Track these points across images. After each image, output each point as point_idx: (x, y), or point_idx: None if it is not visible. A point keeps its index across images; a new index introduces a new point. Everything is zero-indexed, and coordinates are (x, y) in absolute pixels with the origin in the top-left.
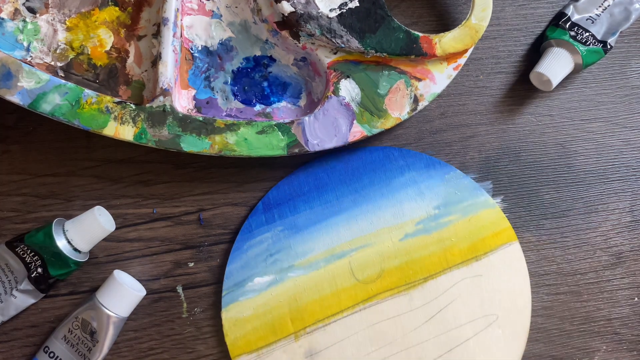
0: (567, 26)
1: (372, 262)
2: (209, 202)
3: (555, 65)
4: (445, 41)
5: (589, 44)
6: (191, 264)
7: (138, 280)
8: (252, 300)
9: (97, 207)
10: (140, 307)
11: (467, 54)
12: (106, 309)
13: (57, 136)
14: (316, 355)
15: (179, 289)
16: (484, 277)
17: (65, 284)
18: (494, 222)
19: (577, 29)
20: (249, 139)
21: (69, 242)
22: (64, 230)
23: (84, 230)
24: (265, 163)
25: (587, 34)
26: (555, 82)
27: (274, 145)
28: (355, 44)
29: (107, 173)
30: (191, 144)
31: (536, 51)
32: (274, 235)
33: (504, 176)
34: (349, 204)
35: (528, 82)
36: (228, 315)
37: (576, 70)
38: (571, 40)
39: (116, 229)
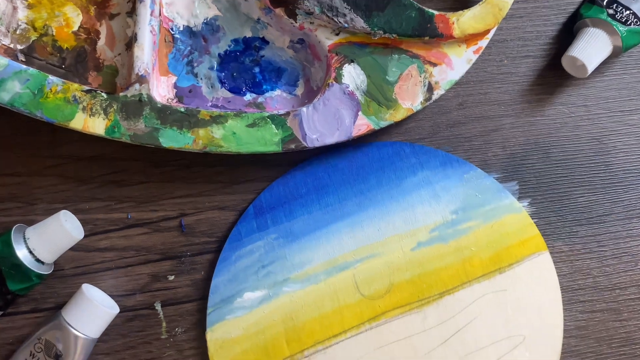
0: (604, 3)
1: (379, 274)
2: (191, 206)
3: (591, 48)
4: (464, 20)
5: (630, 24)
6: (171, 277)
7: (110, 295)
8: (241, 319)
9: (63, 211)
10: (113, 326)
11: (490, 35)
12: (73, 328)
13: (17, 130)
14: None
15: (158, 306)
16: (508, 292)
17: (27, 300)
18: (520, 228)
19: (616, 7)
20: (238, 133)
21: (30, 251)
22: (24, 238)
23: (48, 238)
24: (257, 161)
25: (628, 12)
26: (590, 67)
27: (266, 140)
28: (360, 23)
29: (74, 172)
30: (171, 139)
31: (569, 32)
32: (267, 244)
33: (532, 176)
34: (353, 208)
35: (560, 67)
36: (214, 336)
37: (615, 54)
38: (609, 19)
39: (85, 236)
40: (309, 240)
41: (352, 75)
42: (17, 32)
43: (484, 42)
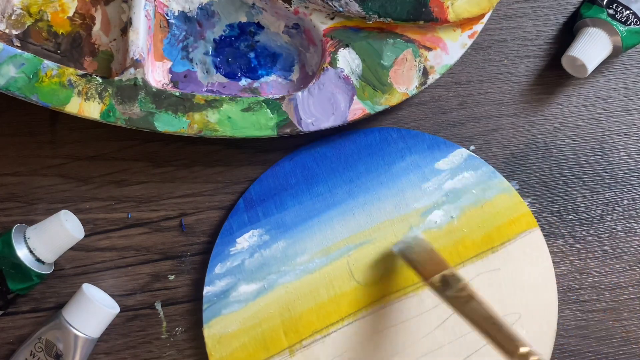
0: (604, 3)
1: (373, 261)
2: (192, 206)
3: (591, 48)
4: (459, 4)
5: (630, 24)
6: (172, 277)
7: (110, 295)
8: (238, 313)
9: (64, 211)
10: (113, 326)
11: (485, 20)
12: (74, 328)
13: (17, 129)
14: None
15: (158, 306)
16: (502, 271)
17: (27, 300)
18: (510, 207)
19: (616, 6)
20: (233, 118)
21: (31, 251)
22: (25, 237)
23: (48, 238)
24: (257, 161)
25: (628, 11)
26: (590, 67)
27: (262, 125)
28: (355, 7)
29: (74, 172)
30: (166, 123)
31: (569, 32)
32: (259, 236)
33: (532, 176)
34: (344, 196)
35: (560, 67)
36: (211, 331)
37: (615, 54)
38: (609, 19)
39: (85, 236)
40: (301, 230)
41: (347, 60)
42: (13, 18)
43: (479, 27)
